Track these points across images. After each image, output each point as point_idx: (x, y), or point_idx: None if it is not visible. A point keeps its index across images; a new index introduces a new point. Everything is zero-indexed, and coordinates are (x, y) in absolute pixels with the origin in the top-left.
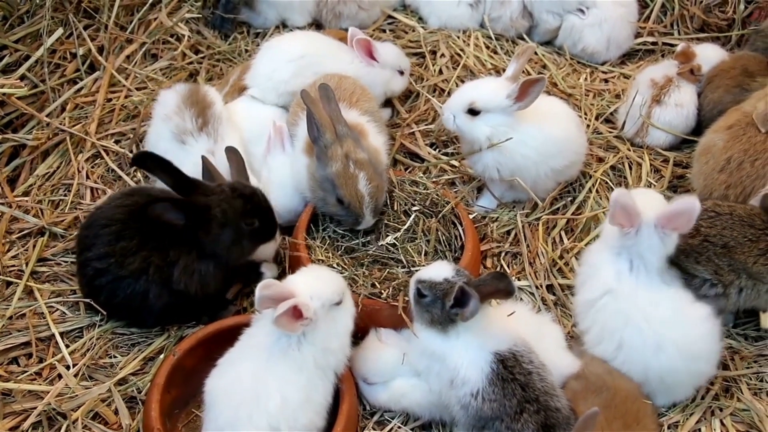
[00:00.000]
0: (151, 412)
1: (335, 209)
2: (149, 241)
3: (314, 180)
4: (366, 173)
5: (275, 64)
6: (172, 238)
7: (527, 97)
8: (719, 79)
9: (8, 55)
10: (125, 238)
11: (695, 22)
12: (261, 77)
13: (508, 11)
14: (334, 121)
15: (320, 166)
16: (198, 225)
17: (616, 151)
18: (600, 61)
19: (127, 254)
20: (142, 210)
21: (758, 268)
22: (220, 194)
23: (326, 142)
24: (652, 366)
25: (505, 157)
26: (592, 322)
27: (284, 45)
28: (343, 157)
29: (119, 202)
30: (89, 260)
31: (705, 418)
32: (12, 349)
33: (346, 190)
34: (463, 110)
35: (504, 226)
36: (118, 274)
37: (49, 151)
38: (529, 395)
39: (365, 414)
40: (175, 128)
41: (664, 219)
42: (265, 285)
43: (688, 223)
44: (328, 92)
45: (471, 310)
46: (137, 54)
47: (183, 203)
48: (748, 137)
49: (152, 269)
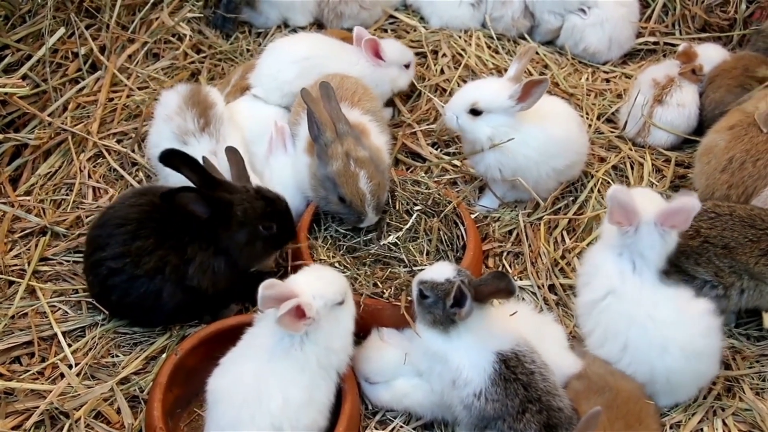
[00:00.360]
0: (153, 411)
1: (337, 208)
2: (166, 239)
3: (315, 179)
4: (367, 171)
5: (280, 64)
6: (190, 234)
7: (530, 97)
8: (721, 79)
9: (10, 54)
10: (141, 238)
11: (697, 22)
12: (265, 77)
13: (509, 11)
14: (334, 119)
15: (321, 165)
16: (219, 220)
17: (617, 151)
18: (601, 61)
19: (143, 253)
20: (168, 198)
21: (760, 268)
22: (243, 194)
23: (326, 140)
24: (658, 367)
25: (507, 158)
26: (596, 324)
27: (289, 46)
28: (344, 156)
29: (133, 201)
30: (103, 260)
31: (707, 417)
32: (14, 348)
33: (347, 189)
34: (465, 110)
35: (506, 225)
36: (134, 273)
37: (51, 151)
38: (531, 395)
39: (367, 414)
40: (177, 129)
41: (663, 216)
42: (268, 285)
43: (687, 221)
44: (329, 90)
45: (465, 309)
46: (139, 53)
47: (208, 196)
48: (750, 137)
49: (169, 268)
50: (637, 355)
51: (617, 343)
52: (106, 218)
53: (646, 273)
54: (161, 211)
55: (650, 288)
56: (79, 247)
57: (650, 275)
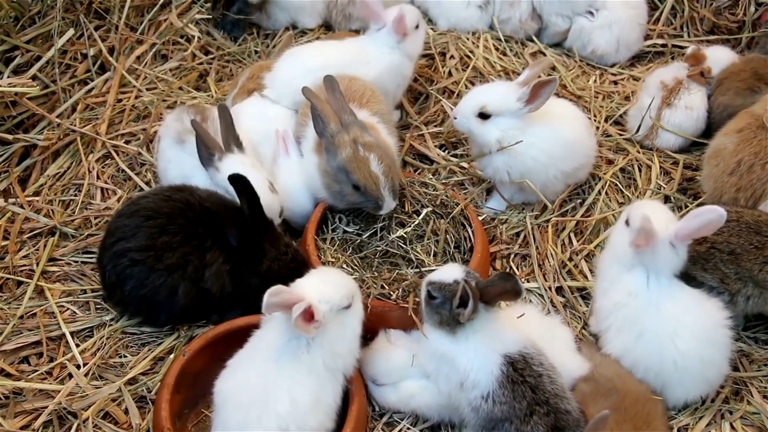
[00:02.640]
0: (161, 412)
1: (354, 198)
2: (191, 238)
3: (327, 175)
4: (376, 154)
5: (296, 72)
6: (215, 241)
7: (538, 99)
8: (729, 82)
9: (20, 55)
10: (168, 233)
11: (705, 25)
12: (280, 82)
13: (517, 13)
14: (339, 110)
15: (330, 157)
16: (244, 256)
17: (625, 154)
18: (609, 63)
19: (167, 249)
20: (219, 213)
21: (763, 275)
22: (281, 253)
23: (332, 131)
24: (669, 351)
25: (515, 160)
26: (614, 320)
27: (307, 55)
28: (352, 143)
29: (167, 195)
30: (127, 250)
31: (715, 421)
32: (23, 348)
33: (360, 174)
34: (474, 114)
35: (513, 228)
36: (154, 266)
37: (60, 152)
38: (539, 397)
39: (374, 415)
40: (175, 133)
41: (685, 233)
42: (275, 292)
43: (712, 231)
44: (333, 83)
45: (468, 310)
46: (147, 55)
47: (249, 235)
48: (759, 140)
49: (190, 267)
50: (650, 341)
51: (633, 333)
52: (136, 208)
53: (663, 279)
54: (194, 210)
55: (666, 288)
56: (88, 247)
57: (665, 280)
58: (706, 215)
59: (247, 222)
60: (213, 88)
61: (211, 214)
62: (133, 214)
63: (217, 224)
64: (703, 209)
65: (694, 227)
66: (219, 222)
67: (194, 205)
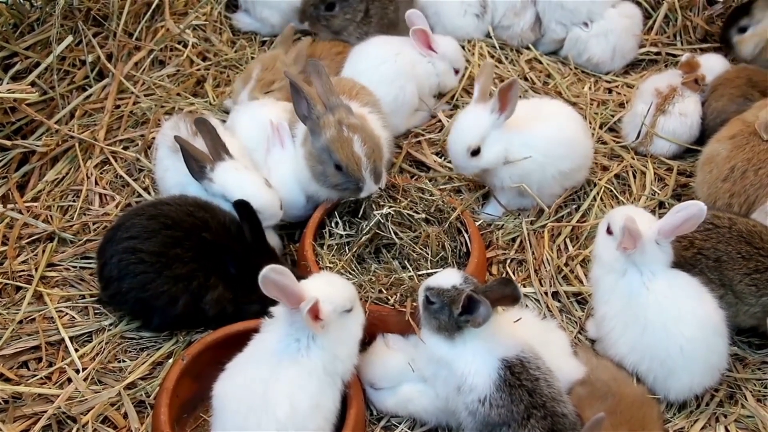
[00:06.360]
0: (160, 416)
1: (335, 179)
2: (202, 257)
3: (312, 156)
4: (360, 136)
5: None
6: (221, 267)
7: (509, 103)
8: (723, 89)
9: (19, 62)
10: (182, 246)
11: (698, 33)
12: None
13: (521, 22)
14: (325, 93)
15: (314, 139)
16: (240, 283)
17: (620, 160)
18: (605, 71)
19: (177, 260)
20: (227, 241)
21: (742, 287)
22: None
23: (317, 113)
24: (674, 335)
25: (514, 165)
26: (617, 323)
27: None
28: (336, 124)
29: (191, 210)
30: (139, 250)
31: (710, 424)
32: (22, 352)
33: (342, 153)
34: (468, 158)
35: (509, 233)
36: (161, 272)
37: (58, 158)
38: (536, 401)
39: (372, 419)
40: (172, 141)
41: (668, 229)
42: (279, 270)
43: (694, 226)
44: (318, 67)
45: (483, 315)
46: (145, 61)
47: (250, 261)
48: (752, 146)
49: (195, 283)
50: (655, 332)
51: (637, 328)
52: (156, 213)
53: (658, 273)
54: (211, 231)
55: (664, 279)
56: (87, 253)
57: (661, 273)
58: (687, 209)
59: (249, 247)
60: (211, 94)
61: (224, 244)
62: (152, 218)
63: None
64: (684, 204)
65: (676, 222)
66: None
67: (212, 228)
